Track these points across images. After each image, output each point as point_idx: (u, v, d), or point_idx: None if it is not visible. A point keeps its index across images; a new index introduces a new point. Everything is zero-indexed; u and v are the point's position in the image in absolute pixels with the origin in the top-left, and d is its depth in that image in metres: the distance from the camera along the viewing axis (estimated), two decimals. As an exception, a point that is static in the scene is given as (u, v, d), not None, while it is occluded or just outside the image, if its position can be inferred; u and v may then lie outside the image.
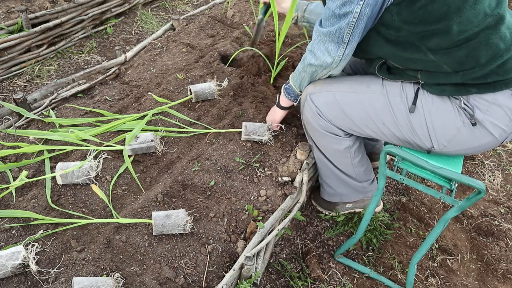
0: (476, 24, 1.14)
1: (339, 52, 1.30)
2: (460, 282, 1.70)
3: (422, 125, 1.32)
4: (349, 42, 1.27)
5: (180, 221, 1.39)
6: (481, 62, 1.19)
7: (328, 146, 1.60)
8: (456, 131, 1.29)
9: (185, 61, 2.32)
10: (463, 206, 1.24)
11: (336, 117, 1.50)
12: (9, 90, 2.64)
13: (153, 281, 1.29)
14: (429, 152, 1.38)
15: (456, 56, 1.19)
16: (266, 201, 1.59)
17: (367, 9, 1.18)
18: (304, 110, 1.57)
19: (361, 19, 1.20)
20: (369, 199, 1.71)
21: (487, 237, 1.91)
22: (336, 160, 1.63)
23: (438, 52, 1.20)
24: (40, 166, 1.65)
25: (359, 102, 1.43)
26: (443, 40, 1.17)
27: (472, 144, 1.31)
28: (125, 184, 1.61)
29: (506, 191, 2.19)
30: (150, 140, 1.70)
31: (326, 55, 1.33)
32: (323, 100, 1.49)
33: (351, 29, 1.23)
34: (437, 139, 1.33)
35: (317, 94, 1.50)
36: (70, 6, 2.91)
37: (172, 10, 3.85)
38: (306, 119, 1.59)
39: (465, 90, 1.25)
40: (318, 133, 1.57)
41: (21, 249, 1.26)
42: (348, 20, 1.21)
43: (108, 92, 2.11)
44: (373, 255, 1.76)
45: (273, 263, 1.66)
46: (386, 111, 1.38)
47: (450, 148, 1.34)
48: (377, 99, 1.39)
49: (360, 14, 1.19)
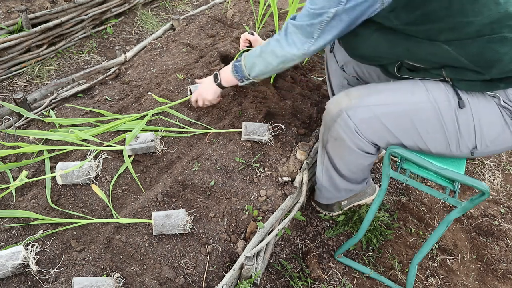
0: (487, 15, 1.10)
1: (305, 46, 1.30)
2: (460, 282, 1.70)
3: (469, 124, 1.26)
4: (318, 39, 1.27)
5: (180, 221, 1.39)
6: (498, 56, 1.14)
7: (353, 162, 1.51)
8: (500, 130, 1.25)
9: (185, 61, 2.32)
10: (467, 207, 1.23)
11: (375, 133, 1.38)
12: (9, 90, 2.64)
13: (153, 281, 1.29)
14: (472, 154, 1.32)
15: (471, 49, 1.15)
16: (266, 201, 1.59)
17: (344, 15, 1.18)
18: (336, 125, 1.43)
19: (335, 20, 1.21)
20: (362, 192, 1.73)
21: (487, 237, 1.91)
22: (350, 172, 1.57)
23: (452, 43, 1.16)
24: (40, 166, 1.65)
25: (403, 115, 1.32)
26: (453, 33, 1.14)
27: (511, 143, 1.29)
28: (125, 184, 1.61)
29: (506, 191, 2.19)
30: (150, 140, 1.70)
31: (292, 46, 1.33)
32: (361, 116, 1.36)
33: (323, 26, 1.23)
34: (482, 138, 1.27)
35: (354, 109, 1.37)
36: (70, 6, 2.91)
37: (172, 10, 3.85)
38: (338, 135, 1.44)
39: (493, 86, 1.21)
40: (348, 150, 1.45)
41: (21, 249, 1.26)
42: (322, 19, 1.22)
43: (108, 92, 2.11)
44: (373, 255, 1.76)
45: (273, 263, 1.66)
46: (434, 117, 1.29)
47: (491, 148, 1.29)
48: (424, 107, 1.29)
49: (335, 15, 1.19)
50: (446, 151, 1.34)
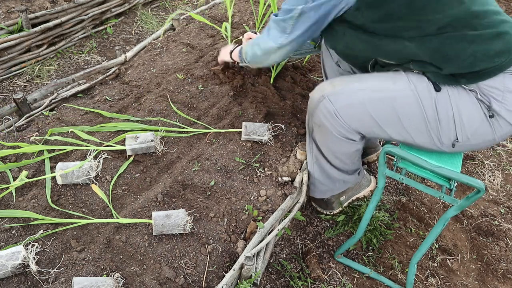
0: (449, 13, 1.17)
1: (280, 41, 1.42)
2: (460, 282, 1.70)
3: (448, 112, 1.30)
4: (290, 34, 1.38)
5: (180, 221, 1.39)
6: (455, 52, 1.21)
7: (339, 149, 1.53)
8: (479, 123, 1.28)
9: (185, 61, 2.32)
10: (463, 205, 1.24)
11: (357, 120, 1.41)
12: (9, 90, 2.64)
13: (153, 281, 1.29)
14: (453, 146, 1.34)
15: (430, 45, 1.22)
16: (266, 201, 1.59)
17: (312, 12, 1.29)
18: (317, 111, 1.46)
19: (304, 17, 1.31)
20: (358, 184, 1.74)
21: (487, 237, 1.91)
22: (339, 160, 1.59)
23: (413, 40, 1.24)
24: (40, 166, 1.65)
25: (385, 102, 1.36)
26: (414, 31, 1.22)
27: (493, 136, 1.31)
28: (125, 184, 1.61)
29: (506, 191, 2.19)
30: (150, 140, 1.70)
31: (271, 39, 1.46)
32: (343, 102, 1.40)
33: (294, 22, 1.35)
34: (462, 130, 1.30)
35: (336, 95, 1.41)
36: (70, 6, 2.91)
37: (172, 10, 3.85)
38: (319, 121, 1.47)
39: (455, 80, 1.27)
40: (331, 137, 1.48)
41: (21, 249, 1.26)
42: (292, 15, 1.33)
43: (108, 92, 2.11)
44: (373, 255, 1.76)
45: (273, 263, 1.66)
46: (415, 106, 1.32)
47: (472, 141, 1.32)
48: (405, 95, 1.33)
49: (302, 12, 1.30)
50: (429, 143, 1.37)
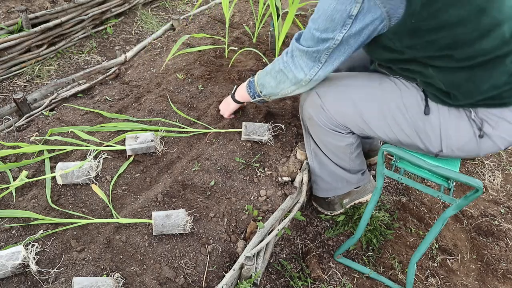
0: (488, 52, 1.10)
1: (312, 71, 1.28)
2: (460, 282, 1.70)
3: (435, 130, 1.29)
4: (326, 63, 1.25)
5: (180, 221, 1.39)
6: (480, 89, 1.17)
7: (329, 142, 1.54)
8: (467, 140, 1.27)
9: (185, 61, 2.32)
10: (461, 204, 1.24)
11: (344, 114, 1.40)
12: (9, 90, 2.64)
13: (153, 281, 1.29)
14: (436, 155, 1.36)
15: (454, 78, 1.18)
16: (266, 201, 1.59)
17: (351, 39, 1.16)
18: (306, 104, 1.47)
19: (343, 45, 1.18)
20: (362, 187, 1.73)
21: (487, 237, 1.91)
22: (334, 155, 1.59)
23: (438, 69, 1.19)
24: (40, 166, 1.65)
25: (371, 97, 1.35)
26: (446, 62, 1.15)
27: (477, 152, 1.31)
28: (125, 184, 1.61)
29: (506, 191, 2.19)
30: (150, 140, 1.70)
31: (299, 69, 1.30)
32: (332, 96, 1.39)
33: (330, 52, 1.21)
34: (448, 145, 1.30)
35: (325, 88, 1.41)
36: (70, 6, 2.91)
37: (172, 10, 3.85)
38: (308, 114, 1.49)
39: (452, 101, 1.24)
40: (320, 129, 1.50)
41: (21, 249, 1.26)
42: (328, 45, 1.19)
43: (108, 92, 2.11)
44: (373, 255, 1.76)
45: (273, 263, 1.66)
46: (399, 109, 1.32)
47: (456, 153, 1.32)
48: (390, 97, 1.33)
49: (342, 41, 1.17)
50: (414, 147, 1.37)
